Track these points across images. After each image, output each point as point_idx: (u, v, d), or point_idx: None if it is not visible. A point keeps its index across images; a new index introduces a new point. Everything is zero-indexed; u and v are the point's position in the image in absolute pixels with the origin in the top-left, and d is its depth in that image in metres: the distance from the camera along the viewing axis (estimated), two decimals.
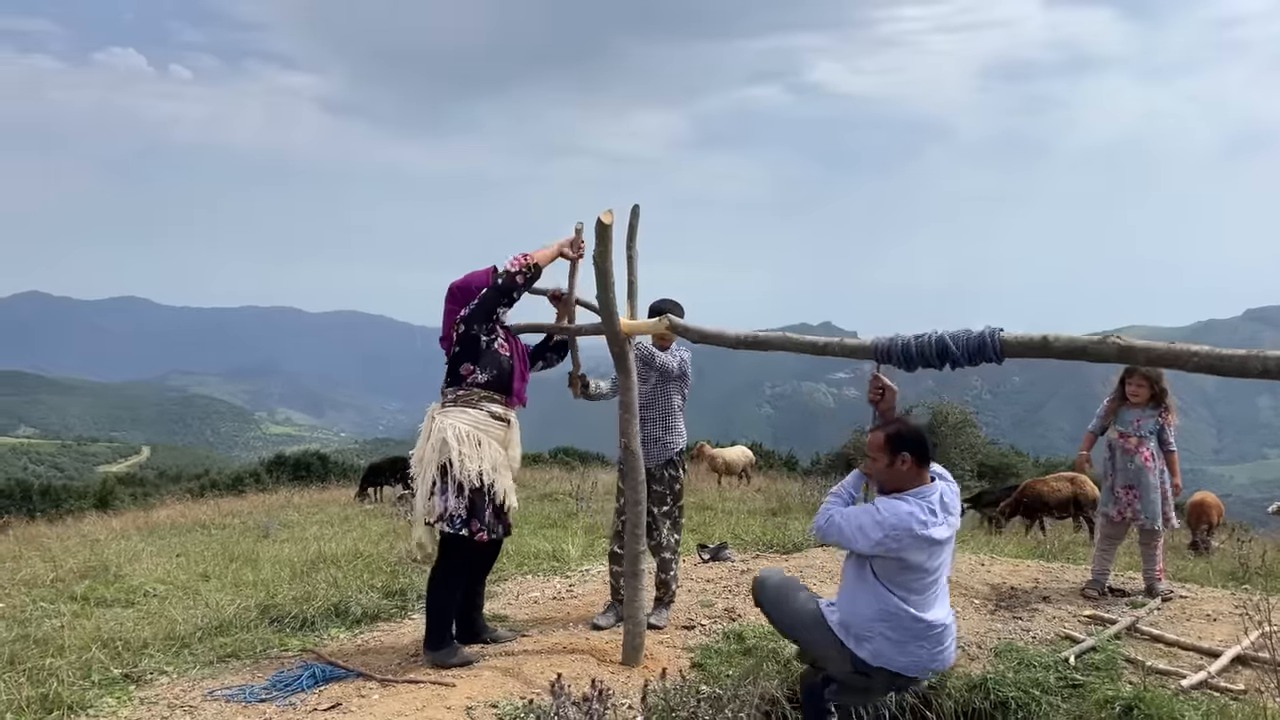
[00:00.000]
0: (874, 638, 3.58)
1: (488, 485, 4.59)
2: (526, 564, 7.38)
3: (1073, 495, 12.35)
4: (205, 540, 9.77)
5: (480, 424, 4.66)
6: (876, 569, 3.57)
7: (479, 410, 4.68)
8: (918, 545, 3.45)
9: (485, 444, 4.62)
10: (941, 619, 3.65)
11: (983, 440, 27.15)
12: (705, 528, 9.46)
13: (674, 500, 5.43)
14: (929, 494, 3.55)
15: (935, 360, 3.40)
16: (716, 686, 4.18)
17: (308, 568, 7.09)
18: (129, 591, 6.61)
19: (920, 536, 3.43)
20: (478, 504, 4.58)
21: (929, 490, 3.56)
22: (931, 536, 3.46)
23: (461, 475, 4.52)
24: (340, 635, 5.35)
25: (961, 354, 3.30)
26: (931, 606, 3.62)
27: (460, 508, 4.54)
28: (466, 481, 4.53)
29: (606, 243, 4.52)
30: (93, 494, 29.66)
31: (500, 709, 3.98)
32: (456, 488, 4.54)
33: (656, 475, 5.31)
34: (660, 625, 5.34)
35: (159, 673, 4.69)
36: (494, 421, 4.72)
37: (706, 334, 4.55)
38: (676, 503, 5.45)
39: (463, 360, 4.71)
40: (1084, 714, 4.59)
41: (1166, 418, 5.95)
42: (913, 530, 3.43)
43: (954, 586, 6.29)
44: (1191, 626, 5.54)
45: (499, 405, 4.77)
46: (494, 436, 4.70)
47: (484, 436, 4.64)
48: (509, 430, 4.82)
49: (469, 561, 4.79)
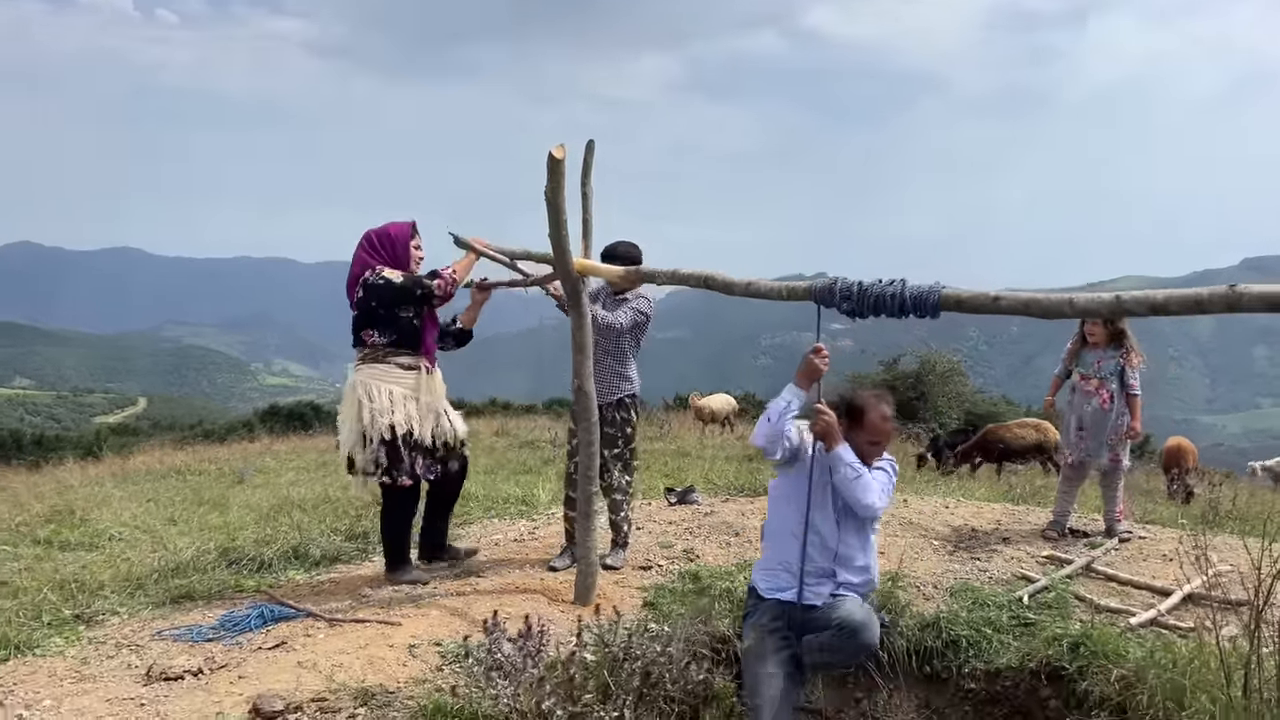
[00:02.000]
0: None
1: (402, 434, 4.75)
2: (495, 508, 7.39)
3: (1037, 442, 12.44)
4: (179, 486, 9.77)
5: (389, 377, 4.81)
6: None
7: (387, 364, 4.83)
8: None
9: (398, 396, 4.78)
10: None
11: (970, 389, 27.23)
12: (679, 473, 9.47)
13: (625, 443, 5.39)
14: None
15: (869, 309, 3.36)
16: (665, 625, 4.19)
17: (274, 512, 7.08)
18: (93, 535, 6.60)
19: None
20: (395, 454, 4.76)
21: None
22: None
23: (373, 430, 4.71)
24: (297, 577, 5.34)
25: (894, 307, 3.26)
26: None
27: (381, 457, 4.74)
28: (377, 435, 4.71)
29: (558, 178, 4.43)
30: (85, 444, 29.64)
31: (444, 647, 3.98)
32: (373, 441, 4.73)
33: (607, 417, 5.26)
34: (616, 566, 5.35)
35: (111, 613, 4.68)
36: (404, 372, 4.87)
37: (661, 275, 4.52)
38: (628, 445, 5.41)
39: (362, 326, 4.86)
40: (1032, 651, 4.62)
41: (1129, 359, 5.90)
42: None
43: (914, 528, 6.32)
44: (1147, 566, 5.56)
45: (407, 357, 4.88)
46: (406, 386, 4.84)
47: (395, 388, 4.79)
48: (423, 376, 4.92)
49: (409, 501, 5.00)
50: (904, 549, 5.79)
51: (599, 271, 4.69)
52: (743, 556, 5.62)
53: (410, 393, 4.84)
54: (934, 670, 4.85)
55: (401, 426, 4.73)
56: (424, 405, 4.88)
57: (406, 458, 4.81)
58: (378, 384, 4.77)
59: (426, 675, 3.72)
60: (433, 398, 4.95)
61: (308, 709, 3.34)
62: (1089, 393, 5.97)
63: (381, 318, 4.82)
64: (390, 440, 4.73)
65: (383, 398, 4.73)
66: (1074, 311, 3.11)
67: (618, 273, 4.60)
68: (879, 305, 3.43)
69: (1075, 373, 6.11)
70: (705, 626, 4.71)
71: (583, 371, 4.76)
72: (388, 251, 4.89)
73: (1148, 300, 2.88)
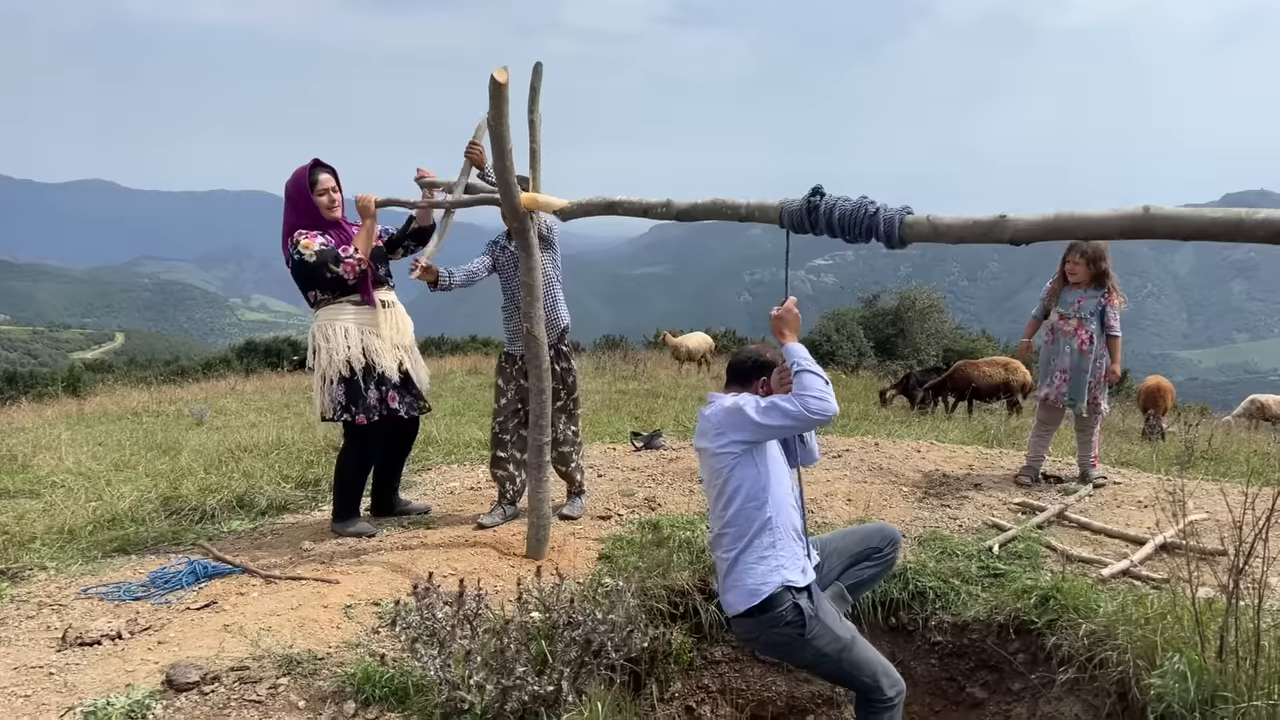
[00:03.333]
0: None
1: (360, 370, 4.62)
2: (456, 453, 7.16)
3: (1004, 380, 12.32)
4: (133, 429, 9.47)
5: (345, 314, 4.68)
6: None
7: (340, 304, 4.68)
8: None
9: (354, 331, 4.65)
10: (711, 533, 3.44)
11: (950, 325, 27.15)
12: (649, 415, 9.25)
13: (568, 393, 5.09)
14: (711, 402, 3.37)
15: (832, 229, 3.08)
16: (620, 580, 4.00)
17: (225, 457, 6.82)
18: (35, 482, 6.32)
19: None
20: (353, 391, 4.63)
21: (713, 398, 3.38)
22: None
23: (330, 369, 4.60)
24: (241, 528, 5.11)
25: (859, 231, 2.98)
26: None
27: (339, 396, 4.62)
28: (335, 373, 4.60)
29: (501, 105, 4.08)
30: (60, 380, 29.12)
31: (382, 607, 3.77)
32: (332, 381, 4.63)
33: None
34: (573, 516, 5.16)
35: (39, 568, 4.45)
36: (360, 307, 4.71)
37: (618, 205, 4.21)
38: (571, 395, 5.11)
39: (304, 289, 4.71)
40: (1001, 604, 4.47)
41: (1110, 299, 5.67)
42: None
43: (884, 474, 6.13)
44: (1121, 513, 5.40)
45: (357, 296, 4.72)
46: (364, 322, 4.70)
47: (350, 325, 4.66)
48: (382, 311, 4.76)
49: (370, 445, 4.84)
50: (873, 496, 5.62)
51: (546, 205, 4.37)
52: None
53: (369, 327, 4.68)
54: (900, 622, 4.72)
55: (359, 361, 4.60)
56: (387, 340, 4.73)
57: (371, 393, 4.65)
58: (333, 323, 4.64)
59: (360, 639, 3.51)
60: (398, 334, 4.80)
61: (226, 679, 3.11)
62: (1068, 333, 5.75)
63: (317, 284, 4.66)
64: (349, 377, 4.60)
65: (339, 335, 4.61)
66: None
67: (564, 205, 4.28)
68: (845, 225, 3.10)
69: (1054, 312, 5.87)
70: (663, 580, 4.54)
71: (532, 314, 4.48)
72: (298, 207, 4.65)
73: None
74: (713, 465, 3.23)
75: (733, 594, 3.25)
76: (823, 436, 7.55)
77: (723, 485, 3.22)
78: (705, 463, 3.32)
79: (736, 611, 3.25)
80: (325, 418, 4.72)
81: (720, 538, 3.28)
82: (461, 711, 2.89)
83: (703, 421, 3.30)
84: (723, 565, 3.29)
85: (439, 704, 2.96)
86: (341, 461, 4.88)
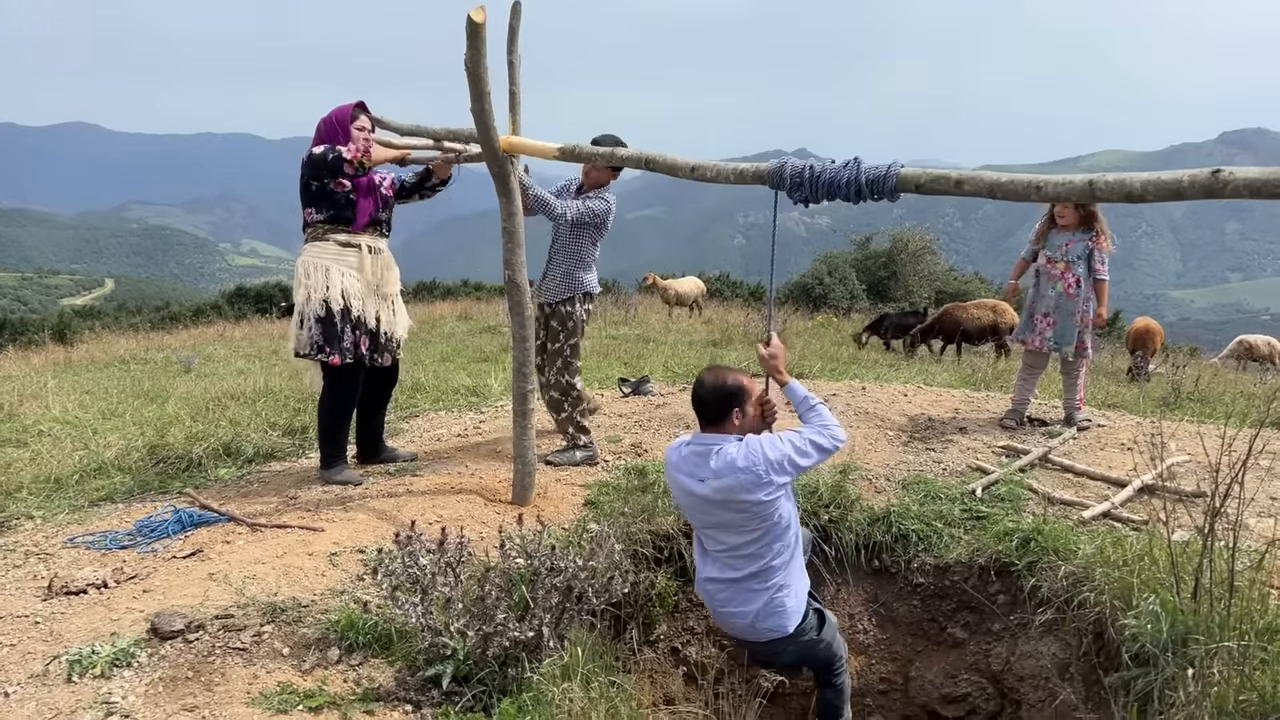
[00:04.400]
0: None
1: (338, 311, 4.60)
2: (444, 400, 7.15)
3: (992, 323, 12.32)
4: (121, 376, 9.44)
5: (327, 254, 4.66)
6: None
7: (326, 242, 4.68)
8: (674, 485, 3.33)
9: (334, 272, 4.63)
10: (712, 580, 3.34)
11: (943, 268, 27.08)
12: (638, 361, 9.24)
13: (565, 338, 5.13)
14: (696, 443, 3.25)
15: (823, 194, 3.04)
16: (605, 524, 4.02)
17: (212, 405, 6.81)
18: (21, 431, 6.31)
19: (671, 476, 3.31)
20: (329, 331, 4.61)
21: (700, 440, 3.25)
22: (679, 482, 3.25)
23: (308, 306, 4.60)
24: (227, 476, 5.12)
25: (849, 191, 2.94)
26: (705, 561, 3.38)
27: (316, 335, 4.61)
28: (311, 311, 4.59)
29: (479, 46, 3.99)
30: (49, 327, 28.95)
31: (367, 554, 3.79)
32: (309, 319, 4.62)
33: (553, 312, 5.13)
34: (555, 463, 5.18)
35: (26, 517, 4.46)
36: (344, 249, 4.68)
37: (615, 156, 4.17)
38: (569, 340, 5.14)
39: (304, 205, 4.72)
40: (983, 546, 4.53)
41: (1098, 242, 5.62)
42: (669, 466, 3.32)
43: (870, 418, 6.15)
44: (1105, 456, 5.44)
45: (344, 234, 4.70)
46: (347, 264, 4.68)
47: (332, 265, 4.64)
48: (366, 256, 4.72)
49: (349, 389, 4.82)
50: (858, 440, 5.64)
51: (528, 148, 4.30)
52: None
53: (351, 270, 4.66)
54: (883, 564, 4.77)
55: (337, 302, 4.58)
56: (368, 285, 4.71)
57: (347, 335, 4.63)
58: (316, 262, 4.64)
59: (345, 586, 3.53)
60: (380, 281, 4.77)
61: (210, 627, 3.14)
62: (1054, 277, 5.72)
63: (315, 194, 4.64)
64: (325, 316, 4.58)
65: (319, 274, 4.60)
66: (1041, 197, 2.81)
67: (549, 150, 4.22)
68: (832, 190, 3.12)
69: (1042, 255, 5.83)
70: (648, 524, 4.57)
71: (514, 261, 4.44)
72: (330, 134, 4.67)
73: (1122, 187, 2.58)
74: (755, 512, 3.15)
75: (775, 619, 3.28)
76: (810, 382, 7.56)
77: (768, 528, 3.19)
78: (739, 511, 3.17)
79: (786, 634, 3.31)
80: (298, 353, 4.71)
81: (766, 572, 3.24)
82: (444, 657, 2.92)
83: (730, 476, 3.12)
84: (761, 598, 3.26)
85: (422, 650, 3.00)
86: (321, 406, 4.86)
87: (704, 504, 3.20)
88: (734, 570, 3.27)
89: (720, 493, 3.12)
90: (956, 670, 4.54)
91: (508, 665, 2.91)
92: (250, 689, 2.85)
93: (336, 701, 2.83)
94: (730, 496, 3.12)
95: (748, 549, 3.23)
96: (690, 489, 3.20)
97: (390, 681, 2.96)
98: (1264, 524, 4.42)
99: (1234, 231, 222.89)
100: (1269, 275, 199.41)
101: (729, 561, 3.27)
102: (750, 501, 3.11)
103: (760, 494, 3.09)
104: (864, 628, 4.77)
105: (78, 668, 2.89)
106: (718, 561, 3.31)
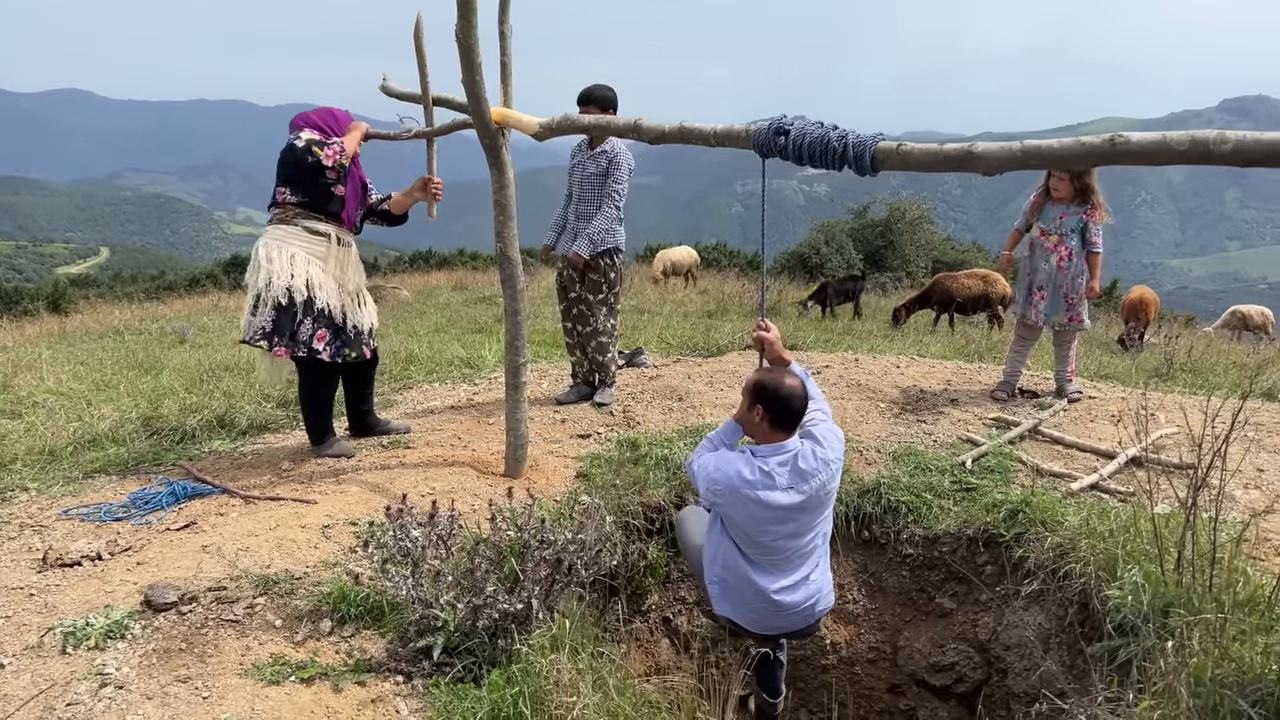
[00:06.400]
0: (714, 584, 3.38)
1: (300, 302, 4.43)
2: (437, 371, 7.15)
3: (983, 293, 12.31)
4: (115, 347, 9.43)
5: (293, 238, 4.51)
6: (723, 517, 3.30)
7: (293, 225, 4.53)
8: (742, 505, 3.12)
9: (300, 259, 4.47)
10: (782, 589, 3.27)
11: (940, 237, 27.00)
12: (633, 332, 9.23)
13: (609, 288, 5.66)
14: (774, 454, 3.16)
15: (806, 156, 3.02)
16: (596, 497, 4.05)
17: (206, 376, 6.82)
18: (15, 403, 6.32)
19: (744, 496, 3.10)
20: (283, 320, 4.43)
21: (778, 450, 3.17)
22: (762, 500, 3.09)
23: (268, 292, 4.40)
24: (221, 448, 5.14)
25: (832, 158, 2.93)
26: (773, 574, 3.27)
27: (267, 323, 4.41)
28: (271, 297, 4.40)
29: (469, 15, 3.95)
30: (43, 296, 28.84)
31: (359, 527, 3.82)
32: (266, 305, 4.42)
33: (596, 265, 5.58)
34: (605, 403, 5.81)
35: (20, 489, 4.48)
36: (312, 237, 4.55)
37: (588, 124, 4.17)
38: (611, 290, 5.68)
39: (278, 183, 4.59)
40: (971, 517, 4.57)
41: (1093, 215, 5.61)
42: (736, 489, 3.10)
43: (862, 390, 6.17)
44: (1094, 428, 5.47)
45: (317, 222, 4.57)
46: (313, 253, 4.53)
47: (299, 252, 4.48)
48: (334, 247, 4.61)
49: (320, 378, 4.76)
50: (849, 412, 5.67)
51: (517, 122, 4.28)
52: (684, 423, 5.47)
53: (316, 259, 4.53)
54: (872, 535, 4.82)
55: (301, 292, 4.41)
56: (332, 276, 4.57)
57: (304, 328, 4.46)
58: (280, 245, 4.47)
59: (338, 558, 3.56)
60: (344, 273, 4.63)
61: (204, 599, 3.17)
62: (1047, 249, 5.71)
63: (293, 178, 4.51)
64: (286, 305, 4.40)
65: (283, 259, 4.42)
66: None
67: (536, 123, 4.20)
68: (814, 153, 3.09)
69: (1036, 227, 5.82)
70: (640, 496, 4.61)
71: (505, 234, 4.43)
72: (328, 127, 4.62)
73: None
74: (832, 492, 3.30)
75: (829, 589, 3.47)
76: (803, 354, 7.57)
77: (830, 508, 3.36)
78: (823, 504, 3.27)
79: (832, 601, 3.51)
80: (243, 340, 4.51)
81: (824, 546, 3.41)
82: (435, 629, 2.96)
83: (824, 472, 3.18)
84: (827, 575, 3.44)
85: (413, 622, 3.03)
86: (300, 395, 4.84)
87: (790, 513, 3.16)
88: (807, 564, 3.33)
89: (818, 491, 3.18)
90: (944, 640, 4.60)
91: (497, 637, 2.95)
92: (243, 660, 2.89)
93: (328, 672, 2.86)
94: (826, 490, 3.22)
95: (815, 537, 3.32)
96: (777, 503, 3.11)
97: (382, 653, 3.00)
98: (1249, 495, 4.46)
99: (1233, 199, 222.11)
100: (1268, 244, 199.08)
101: (797, 560, 3.30)
102: (835, 486, 3.29)
103: (839, 476, 3.29)
104: (854, 598, 4.83)
105: (72, 639, 2.92)
106: (788, 565, 3.28)
